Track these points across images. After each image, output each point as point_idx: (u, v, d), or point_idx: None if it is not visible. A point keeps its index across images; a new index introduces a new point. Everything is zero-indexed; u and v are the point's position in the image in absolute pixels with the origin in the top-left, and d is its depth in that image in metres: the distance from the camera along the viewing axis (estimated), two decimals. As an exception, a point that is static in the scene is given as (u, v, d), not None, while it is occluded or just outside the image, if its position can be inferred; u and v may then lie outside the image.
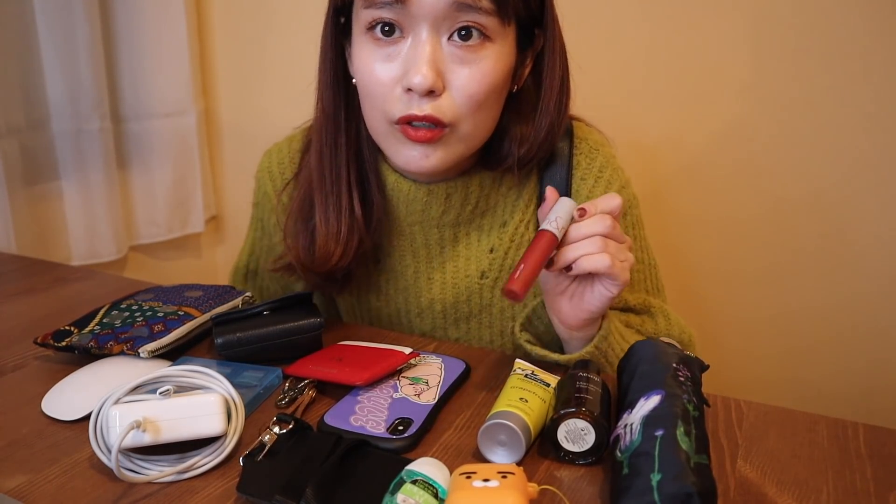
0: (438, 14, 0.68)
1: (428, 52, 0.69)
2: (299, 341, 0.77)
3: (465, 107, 0.72)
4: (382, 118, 0.74)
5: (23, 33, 1.30)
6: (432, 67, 0.69)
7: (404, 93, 0.71)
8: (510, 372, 0.69)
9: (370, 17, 0.71)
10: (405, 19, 0.69)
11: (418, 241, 0.86)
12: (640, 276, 0.88)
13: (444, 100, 0.71)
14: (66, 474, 0.58)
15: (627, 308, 0.86)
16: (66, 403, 0.67)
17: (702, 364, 0.66)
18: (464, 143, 0.75)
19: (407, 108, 0.71)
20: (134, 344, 0.74)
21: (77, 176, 1.41)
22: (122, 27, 1.46)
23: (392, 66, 0.71)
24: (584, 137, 0.86)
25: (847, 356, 1.27)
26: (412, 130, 0.71)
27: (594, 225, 0.67)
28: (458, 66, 0.70)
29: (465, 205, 0.83)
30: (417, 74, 0.68)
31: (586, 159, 0.85)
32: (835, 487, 0.57)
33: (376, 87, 0.72)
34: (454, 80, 0.71)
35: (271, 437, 0.60)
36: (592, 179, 0.84)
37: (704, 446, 0.54)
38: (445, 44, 0.70)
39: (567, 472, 0.59)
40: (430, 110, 0.70)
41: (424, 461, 0.53)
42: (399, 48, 0.71)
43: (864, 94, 1.14)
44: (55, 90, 1.35)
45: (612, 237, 0.68)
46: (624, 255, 0.69)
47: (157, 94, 1.53)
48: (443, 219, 0.84)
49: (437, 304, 0.89)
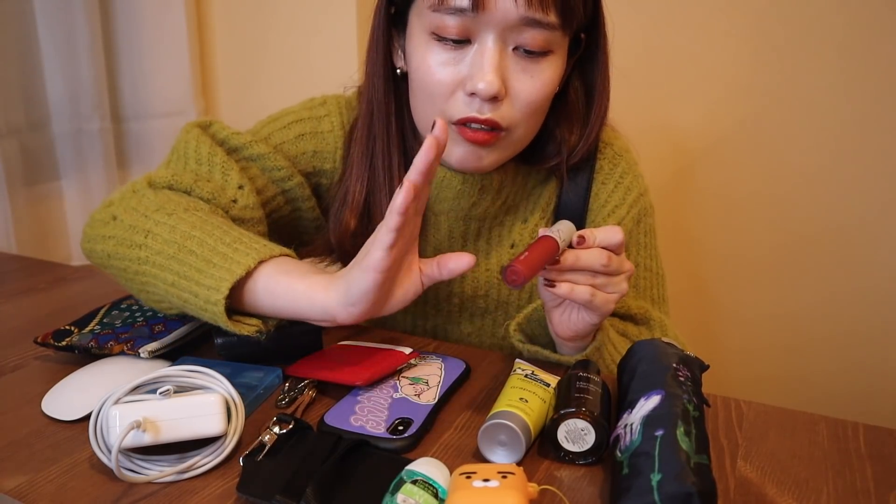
0: (508, 25, 0.69)
1: (495, 60, 0.70)
2: (299, 341, 0.77)
3: (523, 112, 0.73)
4: (438, 115, 0.74)
5: (23, 33, 1.30)
6: (498, 75, 0.70)
7: (467, 95, 0.72)
8: (510, 372, 0.69)
9: (439, 21, 0.71)
10: (474, 26, 0.70)
11: (442, 232, 0.87)
12: (648, 283, 0.89)
13: (505, 106, 0.72)
14: (66, 474, 0.58)
15: (628, 315, 0.87)
16: (66, 403, 0.67)
17: (702, 364, 0.67)
18: (515, 146, 0.77)
19: (468, 110, 0.72)
20: (134, 344, 0.74)
21: (77, 176, 1.42)
22: (122, 27, 1.46)
23: (456, 70, 0.72)
24: (610, 143, 0.88)
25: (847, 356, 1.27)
26: (470, 132, 0.72)
27: (590, 258, 0.67)
28: (520, 74, 0.72)
29: (495, 200, 0.84)
30: (482, 81, 0.69)
31: (609, 164, 0.87)
32: (835, 487, 0.57)
33: (437, 87, 0.73)
34: (516, 88, 0.72)
35: (271, 437, 0.60)
36: (613, 184, 0.86)
37: (704, 446, 0.54)
38: (510, 53, 0.71)
39: (567, 472, 0.59)
40: (490, 114, 0.71)
41: (424, 461, 0.53)
42: (464, 52, 0.72)
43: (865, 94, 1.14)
44: (55, 90, 1.35)
45: (605, 272, 0.67)
46: (615, 287, 0.68)
47: (157, 94, 1.53)
48: (471, 211, 0.85)
49: (455, 297, 0.90)
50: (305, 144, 0.85)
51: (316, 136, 0.85)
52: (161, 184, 0.76)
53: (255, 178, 0.81)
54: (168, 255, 0.67)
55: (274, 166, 0.81)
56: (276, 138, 0.84)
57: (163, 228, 0.68)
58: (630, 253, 0.88)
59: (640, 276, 0.89)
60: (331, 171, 0.86)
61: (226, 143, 0.81)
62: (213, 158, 0.78)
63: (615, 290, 0.69)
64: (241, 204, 0.77)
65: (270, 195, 0.82)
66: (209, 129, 0.82)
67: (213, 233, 0.67)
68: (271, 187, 0.82)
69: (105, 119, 1.42)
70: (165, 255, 0.67)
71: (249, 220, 0.77)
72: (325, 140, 0.86)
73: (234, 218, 0.76)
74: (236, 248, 0.66)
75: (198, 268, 0.65)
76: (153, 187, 0.76)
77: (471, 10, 0.68)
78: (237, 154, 0.81)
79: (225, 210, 0.76)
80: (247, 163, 0.81)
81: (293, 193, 0.84)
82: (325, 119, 0.86)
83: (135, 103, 1.51)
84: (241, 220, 0.77)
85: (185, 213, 0.70)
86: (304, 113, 0.86)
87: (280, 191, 0.83)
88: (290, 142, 0.84)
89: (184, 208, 0.71)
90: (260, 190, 0.81)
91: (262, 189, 0.81)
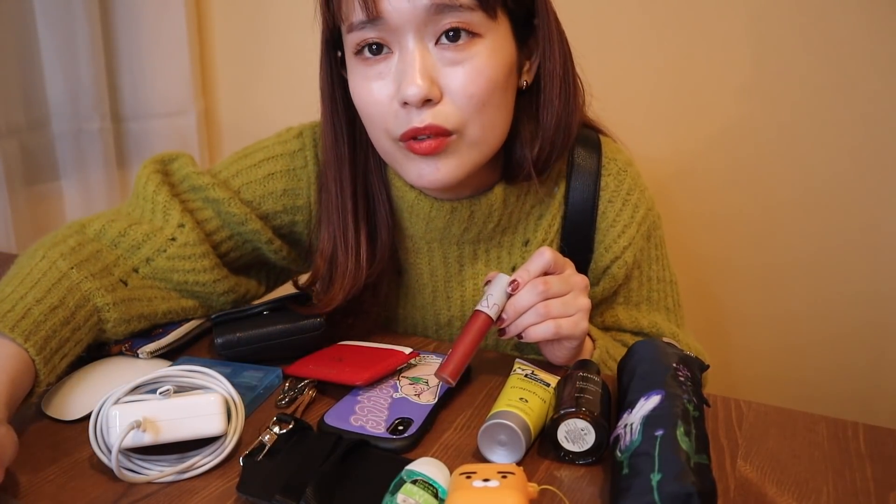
0: (419, 20, 0.66)
1: (417, 61, 0.67)
2: (299, 341, 0.77)
3: (467, 109, 0.69)
4: (387, 137, 0.72)
5: (23, 33, 1.30)
6: (424, 76, 0.67)
7: (402, 108, 0.69)
8: (510, 372, 0.69)
9: (355, 40, 0.69)
10: (389, 34, 0.68)
11: (436, 258, 0.84)
12: (661, 294, 0.88)
13: (444, 106, 0.68)
14: (66, 474, 0.58)
15: (639, 332, 0.86)
16: (66, 403, 0.67)
17: (702, 364, 0.67)
18: (475, 148, 0.72)
19: (407, 122, 0.69)
20: (133, 344, 0.74)
21: (77, 176, 1.41)
22: (122, 27, 1.46)
23: (385, 84, 0.69)
24: (613, 158, 0.84)
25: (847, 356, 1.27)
26: (417, 144, 0.69)
27: (528, 296, 0.67)
28: (450, 68, 0.68)
29: (487, 222, 0.81)
30: (410, 86, 0.66)
31: (615, 181, 0.83)
32: (835, 487, 0.57)
33: (374, 108, 0.71)
34: (450, 84, 0.68)
35: (271, 437, 0.60)
36: (620, 202, 0.83)
37: (704, 446, 0.54)
38: (434, 49, 0.68)
39: (567, 472, 0.59)
40: (430, 119, 0.68)
41: (424, 461, 0.54)
42: (389, 65, 0.69)
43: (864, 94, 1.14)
44: (55, 90, 1.35)
45: (551, 297, 0.68)
46: (573, 306, 0.69)
47: (157, 94, 1.52)
48: (464, 236, 0.82)
49: (455, 321, 0.88)
50: (275, 184, 0.83)
51: (286, 174, 0.84)
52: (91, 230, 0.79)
53: (210, 219, 0.82)
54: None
55: (228, 212, 0.81)
56: (243, 178, 0.83)
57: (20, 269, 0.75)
58: (644, 269, 0.86)
59: (654, 290, 0.87)
60: (305, 206, 0.85)
61: (186, 181, 0.82)
62: (157, 198, 0.80)
63: (574, 308, 0.69)
64: (181, 242, 0.78)
65: (226, 235, 0.83)
66: (171, 164, 0.84)
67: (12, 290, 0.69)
68: (225, 229, 0.83)
69: (105, 119, 1.42)
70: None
71: (190, 255, 0.79)
72: (297, 176, 0.84)
73: (173, 256, 0.78)
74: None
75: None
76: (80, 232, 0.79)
77: (369, 24, 0.67)
78: (196, 193, 0.82)
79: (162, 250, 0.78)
80: (203, 203, 0.82)
81: (249, 237, 0.83)
82: (299, 154, 0.84)
83: (135, 103, 1.51)
84: (182, 258, 0.79)
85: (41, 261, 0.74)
86: (276, 149, 0.85)
87: (236, 233, 0.83)
88: (258, 181, 0.83)
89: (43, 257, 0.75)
90: (213, 231, 0.82)
91: (215, 230, 0.82)
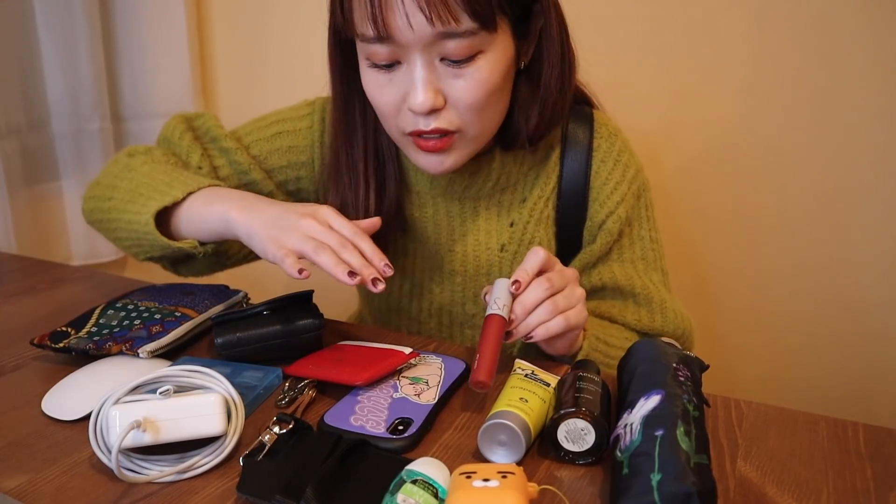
0: (425, 42, 0.71)
1: (423, 76, 0.73)
2: (299, 341, 0.77)
3: (467, 115, 0.75)
4: (396, 130, 0.79)
5: (23, 33, 1.30)
6: (429, 89, 0.73)
7: (409, 111, 0.75)
8: (510, 372, 0.69)
9: (367, 51, 0.75)
10: (397, 50, 0.72)
11: (440, 212, 0.91)
12: (656, 254, 0.92)
13: (448, 112, 0.75)
14: (66, 474, 0.58)
15: (631, 293, 0.89)
16: (66, 403, 0.67)
17: (702, 364, 0.67)
18: (475, 141, 0.79)
19: (414, 124, 0.76)
20: (133, 344, 0.74)
21: (77, 176, 1.41)
22: (122, 27, 1.46)
23: (394, 90, 0.75)
24: (604, 123, 0.90)
25: (847, 356, 1.27)
26: (423, 142, 0.77)
27: (535, 292, 0.70)
28: (453, 80, 0.73)
29: (486, 180, 0.88)
30: (416, 98, 0.73)
31: (606, 143, 0.89)
32: (835, 487, 0.57)
33: (384, 107, 0.77)
34: (453, 95, 0.74)
35: (271, 437, 0.60)
36: (612, 162, 0.88)
37: (704, 446, 0.54)
38: (439, 64, 0.73)
39: (567, 472, 0.59)
40: (435, 124, 0.75)
41: (424, 461, 0.54)
42: (397, 73, 0.75)
43: (864, 94, 1.14)
44: (55, 90, 1.35)
45: (555, 291, 0.71)
46: (573, 298, 0.72)
47: (157, 94, 1.52)
48: (465, 192, 0.89)
49: (457, 275, 0.93)
50: (281, 141, 0.94)
51: (291, 133, 0.94)
52: (138, 151, 0.93)
53: (222, 166, 0.94)
54: (126, 201, 0.85)
55: (234, 160, 0.93)
56: (255, 135, 0.95)
57: (125, 182, 0.87)
58: (634, 228, 0.90)
59: (648, 249, 0.91)
60: (308, 162, 0.95)
61: (208, 132, 0.95)
62: (181, 142, 0.93)
63: (576, 299, 0.72)
64: None
65: (234, 183, 0.94)
66: (196, 120, 0.96)
67: (158, 177, 0.85)
68: (234, 177, 0.94)
69: (105, 119, 1.42)
70: (124, 201, 0.86)
71: None
72: (301, 136, 0.94)
73: None
74: (171, 185, 0.82)
75: (142, 202, 0.83)
76: (130, 155, 0.93)
77: (378, 41, 0.72)
78: (214, 143, 0.94)
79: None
80: (218, 152, 0.94)
81: (255, 187, 0.94)
82: (306, 117, 0.95)
83: (135, 103, 1.51)
84: None
85: (143, 165, 0.89)
86: (287, 113, 0.96)
87: (243, 182, 0.94)
88: (266, 139, 0.94)
89: (142, 162, 0.89)
90: (225, 177, 0.94)
91: (226, 177, 0.94)
